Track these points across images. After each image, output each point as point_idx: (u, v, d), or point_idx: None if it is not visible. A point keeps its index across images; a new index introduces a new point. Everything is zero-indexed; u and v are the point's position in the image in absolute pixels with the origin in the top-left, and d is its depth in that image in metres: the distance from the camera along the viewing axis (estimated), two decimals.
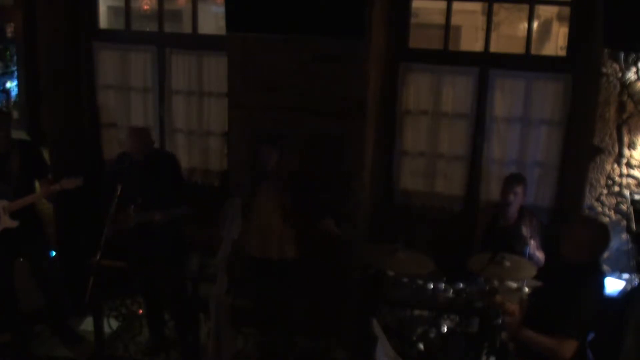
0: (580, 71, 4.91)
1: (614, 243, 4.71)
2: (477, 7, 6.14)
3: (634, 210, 4.54)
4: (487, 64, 5.17)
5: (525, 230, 4.68)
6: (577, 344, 3.25)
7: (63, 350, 4.87)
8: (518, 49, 5.42)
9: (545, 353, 3.30)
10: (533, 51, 5.22)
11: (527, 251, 4.63)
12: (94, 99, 5.84)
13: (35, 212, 4.90)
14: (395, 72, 5.28)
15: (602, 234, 3.42)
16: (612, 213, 4.77)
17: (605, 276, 3.56)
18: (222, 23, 4.80)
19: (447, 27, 5.19)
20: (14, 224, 4.60)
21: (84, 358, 4.76)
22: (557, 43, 6.87)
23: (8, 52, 5.82)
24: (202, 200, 4.91)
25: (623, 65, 4.58)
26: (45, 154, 5.26)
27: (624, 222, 4.70)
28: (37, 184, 4.82)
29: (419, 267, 4.27)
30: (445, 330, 4.25)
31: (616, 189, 4.74)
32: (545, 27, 7.04)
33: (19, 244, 4.73)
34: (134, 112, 5.81)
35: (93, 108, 5.84)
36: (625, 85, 4.60)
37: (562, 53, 5.45)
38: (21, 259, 4.90)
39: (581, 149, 4.90)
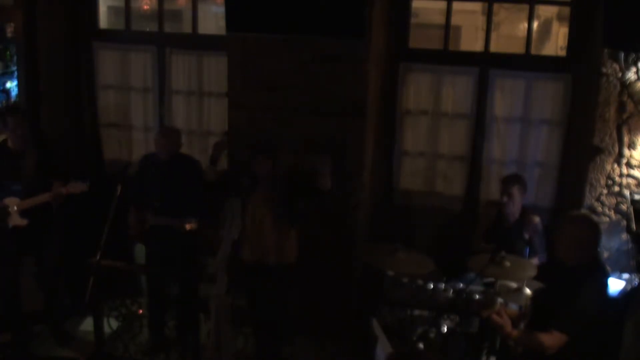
0: (580, 71, 4.91)
1: (614, 243, 4.71)
2: (477, 7, 6.13)
3: (634, 210, 4.54)
4: (487, 64, 5.17)
5: (525, 231, 4.69)
6: (565, 338, 3.21)
7: (63, 350, 4.86)
8: (518, 49, 5.41)
9: (536, 349, 3.29)
10: (533, 51, 5.22)
11: (527, 252, 4.64)
12: (94, 99, 5.84)
13: (49, 212, 4.77)
14: (395, 72, 5.28)
15: (591, 229, 3.37)
16: (612, 213, 4.77)
17: (609, 276, 3.53)
18: (222, 23, 4.79)
19: (447, 27, 5.19)
20: (23, 222, 4.57)
21: (84, 358, 4.76)
22: (557, 43, 6.85)
23: (8, 52, 5.82)
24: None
25: (623, 65, 4.59)
26: None
27: (624, 222, 4.70)
28: None
29: (419, 267, 4.27)
30: (445, 330, 4.25)
31: (616, 189, 4.74)
32: (545, 27, 7.03)
33: (29, 243, 4.69)
34: (134, 112, 5.81)
35: (93, 108, 5.85)
36: (625, 85, 4.60)
37: (562, 53, 5.44)
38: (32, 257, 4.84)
39: (581, 149, 4.90)
